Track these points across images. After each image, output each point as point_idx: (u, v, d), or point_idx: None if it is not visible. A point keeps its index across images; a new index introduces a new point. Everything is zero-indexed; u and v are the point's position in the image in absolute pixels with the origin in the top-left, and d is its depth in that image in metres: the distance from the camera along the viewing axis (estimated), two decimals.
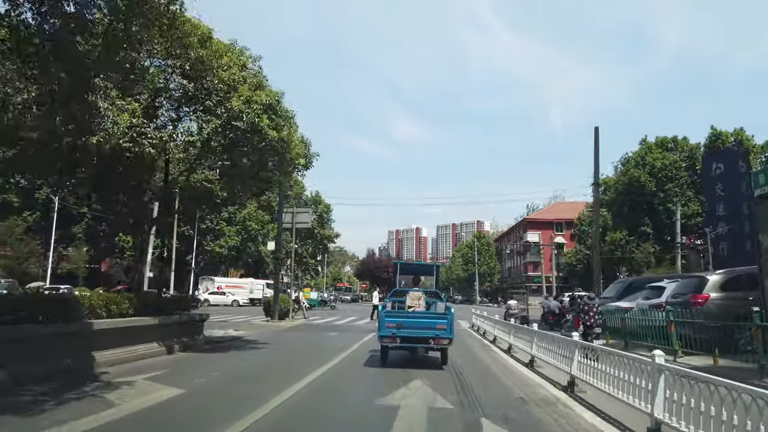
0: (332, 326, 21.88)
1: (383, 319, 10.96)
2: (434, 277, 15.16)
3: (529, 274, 75.70)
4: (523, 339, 13.09)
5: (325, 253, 79.20)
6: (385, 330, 10.79)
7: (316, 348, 14.94)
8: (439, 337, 10.71)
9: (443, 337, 10.72)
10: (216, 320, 23.33)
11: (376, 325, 13.15)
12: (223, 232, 53.26)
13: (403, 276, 14.76)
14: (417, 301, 11.51)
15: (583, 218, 66.73)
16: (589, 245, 63.85)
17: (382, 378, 9.68)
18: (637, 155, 54.29)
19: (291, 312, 23.08)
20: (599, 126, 26.03)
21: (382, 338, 10.94)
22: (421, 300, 11.59)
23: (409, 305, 11.44)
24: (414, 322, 10.82)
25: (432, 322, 10.90)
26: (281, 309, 22.36)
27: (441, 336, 10.71)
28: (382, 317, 11.11)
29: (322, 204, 71.11)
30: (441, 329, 10.71)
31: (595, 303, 13.19)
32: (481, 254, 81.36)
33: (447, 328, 10.68)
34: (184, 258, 54.34)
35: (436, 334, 10.72)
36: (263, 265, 62.70)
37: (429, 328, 10.78)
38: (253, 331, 18.18)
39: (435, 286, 14.45)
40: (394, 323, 10.78)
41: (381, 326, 10.95)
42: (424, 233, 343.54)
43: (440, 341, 10.77)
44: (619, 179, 55.27)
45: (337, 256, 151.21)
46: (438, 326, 10.74)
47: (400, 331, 10.69)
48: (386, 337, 10.82)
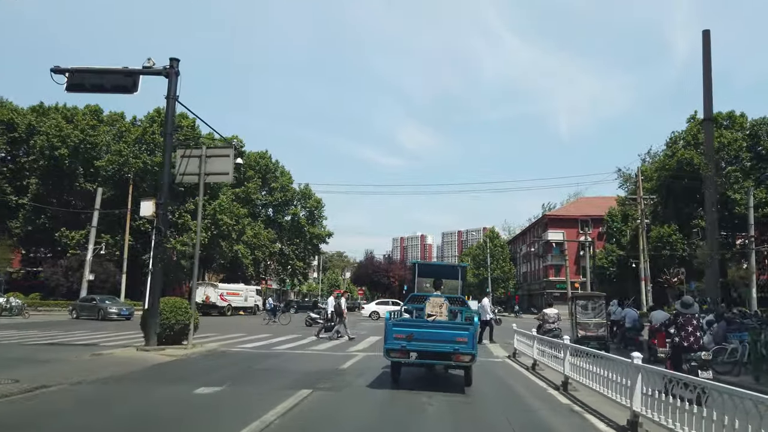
0: (253, 357, 12.10)
1: (390, 329, 8.80)
2: (459, 281, 12.13)
3: (551, 279, 66.07)
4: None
5: (316, 254, 69.93)
6: (392, 342, 8.74)
7: None
8: (458, 352, 8.51)
9: (463, 353, 8.50)
10: (82, 340, 14.43)
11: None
12: (188, 226, 44.19)
13: (422, 279, 12.08)
14: (438, 309, 9.68)
15: (614, 214, 57.23)
16: (625, 244, 54.52)
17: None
18: (687, 133, 44.89)
19: (191, 331, 12.62)
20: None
21: (389, 352, 8.80)
22: (443, 308, 9.73)
23: (429, 313, 9.68)
24: (428, 333, 8.70)
25: (449, 334, 8.69)
26: (171, 324, 12.00)
27: (461, 351, 8.50)
28: (388, 327, 8.90)
29: (312, 198, 62.11)
30: (461, 342, 8.49)
31: (695, 314, 8.72)
32: (494, 257, 71.93)
33: (468, 342, 8.48)
34: (140, 258, 45.27)
35: (455, 349, 8.51)
36: (241, 267, 53.55)
37: (446, 341, 8.57)
38: (56, 378, 8.53)
39: (460, 290, 11.77)
40: (403, 334, 8.69)
41: (388, 337, 8.84)
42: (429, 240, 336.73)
43: (460, 357, 8.57)
44: (664, 163, 45.84)
45: (336, 261, 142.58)
46: (457, 339, 8.54)
47: (412, 344, 8.61)
48: (395, 350, 8.73)
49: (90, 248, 37.98)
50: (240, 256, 50.22)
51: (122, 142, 43.22)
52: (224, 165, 13.45)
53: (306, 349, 14.14)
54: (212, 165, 13.34)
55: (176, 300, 12.55)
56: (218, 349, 13.28)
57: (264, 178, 58.75)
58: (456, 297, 10.80)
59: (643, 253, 38.62)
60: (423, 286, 11.83)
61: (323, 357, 12.36)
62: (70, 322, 27.86)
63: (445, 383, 9.35)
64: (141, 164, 42.69)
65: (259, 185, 57.93)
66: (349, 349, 14.55)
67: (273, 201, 59.36)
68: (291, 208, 60.84)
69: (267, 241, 54.94)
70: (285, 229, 61.65)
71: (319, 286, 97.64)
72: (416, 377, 9.81)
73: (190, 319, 12.33)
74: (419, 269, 12.14)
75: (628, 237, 52.98)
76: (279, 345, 15.14)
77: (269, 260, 59.88)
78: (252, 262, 52.99)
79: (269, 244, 55.99)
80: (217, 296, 46.91)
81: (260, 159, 58.58)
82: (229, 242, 47.26)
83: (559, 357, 9.19)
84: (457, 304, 10.51)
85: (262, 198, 59.10)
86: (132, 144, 43.30)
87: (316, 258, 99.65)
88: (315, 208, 61.81)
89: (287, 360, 11.68)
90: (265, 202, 59.51)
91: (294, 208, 60.82)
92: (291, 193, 60.13)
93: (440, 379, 9.80)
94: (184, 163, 13.40)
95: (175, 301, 12.40)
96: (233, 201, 49.37)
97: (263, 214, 60.30)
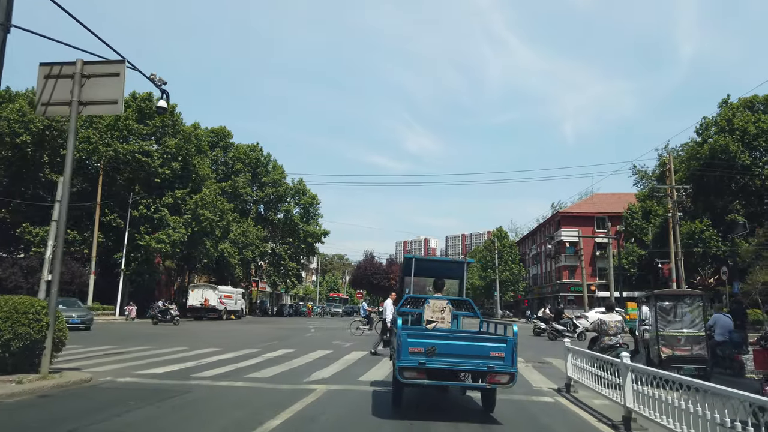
0: (137, 394, 7.39)
1: (404, 341, 6.44)
2: (459, 281, 9.69)
3: (564, 282, 61.29)
4: None
5: (311, 255, 65.38)
6: (407, 358, 6.37)
7: None
8: (494, 371, 6.35)
9: (501, 371, 6.38)
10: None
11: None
12: (167, 221, 39.81)
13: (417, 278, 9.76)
14: (440, 314, 7.81)
15: (634, 210, 52.50)
16: (647, 242, 49.77)
17: None
18: (721, 118, 40.25)
19: (47, 350, 7.26)
20: None
21: (403, 372, 6.41)
22: (445, 312, 7.85)
23: (429, 319, 7.80)
24: (455, 347, 6.49)
25: (482, 347, 6.50)
26: (6, 341, 7.42)
27: (498, 369, 6.35)
28: (401, 338, 6.49)
29: (307, 195, 57.67)
30: (496, 358, 6.36)
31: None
32: (502, 258, 67.20)
33: (506, 357, 6.37)
34: (112, 257, 40.92)
35: (489, 366, 6.34)
36: (228, 268, 49.10)
37: (477, 357, 6.44)
38: None
39: (460, 292, 9.53)
40: (422, 347, 6.40)
41: (401, 352, 6.43)
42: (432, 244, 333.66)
43: (495, 378, 6.41)
44: (695, 151, 41.20)
45: (337, 264, 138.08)
46: (492, 353, 6.36)
47: (433, 361, 6.37)
48: (410, 369, 6.38)
49: (50, 245, 33.52)
50: (226, 255, 45.80)
51: (91, 128, 38.91)
52: (111, 90, 8.88)
53: (241, 377, 9.37)
54: (93, 89, 8.87)
55: (18, 301, 7.80)
56: (94, 379, 8.47)
57: (254, 172, 54.36)
58: (462, 300, 8.70)
59: (675, 251, 33.99)
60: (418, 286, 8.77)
61: (256, 395, 7.69)
62: None
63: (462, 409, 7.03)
64: (112, 153, 38.37)
65: (248, 180, 53.56)
66: (310, 375, 9.91)
67: (264, 197, 54.92)
68: (284, 205, 56.38)
69: (256, 239, 50.49)
70: (277, 228, 57.19)
71: (317, 290, 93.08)
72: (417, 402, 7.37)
73: (46, 331, 7.75)
74: (415, 266, 9.44)
75: (650, 235, 48.30)
76: (211, 368, 10.40)
77: (260, 260, 55.41)
78: (240, 262, 48.53)
79: (259, 243, 51.54)
80: (216, 299, 43.29)
81: (250, 152, 54.23)
82: (213, 240, 42.83)
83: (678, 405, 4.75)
84: (463, 309, 8.45)
85: (253, 194, 54.67)
86: (103, 131, 38.98)
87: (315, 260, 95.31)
88: (310, 204, 57.31)
89: (188, 405, 6.91)
90: (256, 198, 55.07)
91: (287, 205, 56.35)
92: (284, 189, 55.65)
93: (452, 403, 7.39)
94: (49, 86, 8.88)
95: (17, 302, 7.69)
96: (219, 195, 45.03)
97: (254, 211, 55.88)
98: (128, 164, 39.75)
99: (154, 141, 42.57)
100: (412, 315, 8.37)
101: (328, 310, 61.31)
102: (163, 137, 42.02)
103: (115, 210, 40.31)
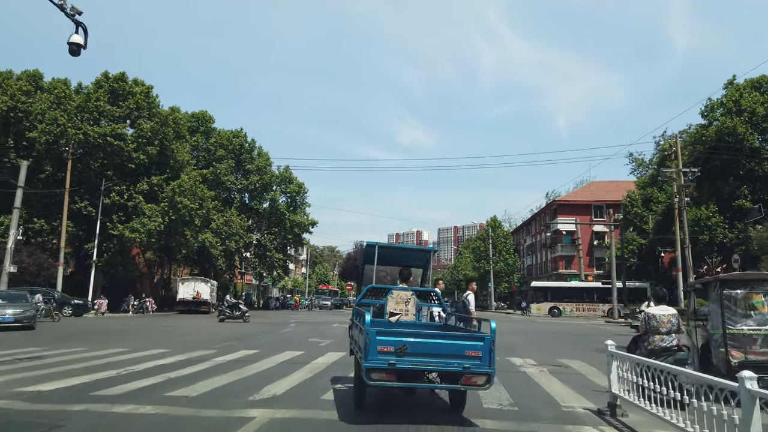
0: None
1: (372, 339, 5.61)
2: (423, 269, 9.43)
3: (561, 272, 59.39)
4: None
5: (298, 245, 62.99)
6: (375, 358, 5.56)
7: None
8: (471, 371, 5.62)
9: (478, 372, 5.63)
10: None
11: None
12: (142, 209, 37.26)
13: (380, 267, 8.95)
14: (404, 306, 7.28)
15: (634, 198, 50.51)
16: (648, 231, 47.83)
17: None
18: (728, 99, 38.20)
19: None
20: None
21: (370, 373, 5.57)
22: (410, 304, 7.33)
23: (392, 312, 7.24)
24: (428, 345, 5.75)
25: (458, 346, 5.77)
26: None
27: (475, 369, 5.62)
28: (369, 336, 5.62)
29: (293, 183, 55.22)
30: (473, 357, 5.66)
31: None
32: (496, 248, 65.11)
33: (483, 356, 5.67)
34: (83, 247, 38.44)
35: (464, 366, 5.63)
36: (210, 259, 46.70)
37: (452, 356, 5.70)
38: None
39: (422, 281, 9.24)
40: (392, 345, 5.62)
41: (369, 352, 5.59)
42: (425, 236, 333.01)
43: (472, 380, 5.66)
44: (699, 134, 39.18)
45: (327, 256, 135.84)
46: (468, 352, 5.71)
47: (404, 361, 5.60)
48: (378, 370, 5.58)
49: (12, 234, 31.03)
50: (208, 246, 43.35)
51: (59, 110, 36.22)
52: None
53: (159, 397, 6.86)
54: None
55: None
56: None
57: (238, 159, 51.77)
58: (428, 290, 8.29)
59: (682, 237, 32.00)
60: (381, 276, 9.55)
61: (170, 427, 5.49)
62: None
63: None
64: (82, 136, 35.73)
65: (232, 167, 50.99)
66: (259, 391, 7.37)
67: (248, 185, 52.37)
68: (269, 194, 53.87)
69: (240, 229, 48.04)
70: (263, 217, 54.71)
71: (306, 282, 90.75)
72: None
73: None
74: (379, 254, 8.90)
75: (651, 223, 46.39)
76: (131, 380, 7.86)
77: (244, 252, 52.98)
78: (222, 253, 46.10)
79: (244, 234, 49.11)
80: (209, 292, 41.36)
81: (234, 138, 51.60)
82: (193, 230, 40.33)
83: None
84: (429, 300, 7.90)
85: (236, 182, 52.11)
86: (72, 112, 36.30)
87: (304, 251, 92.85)
88: (297, 193, 54.80)
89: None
90: (240, 186, 52.51)
91: (273, 193, 53.83)
92: (269, 177, 53.10)
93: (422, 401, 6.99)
94: None
95: None
96: (199, 182, 42.48)
97: (238, 199, 53.36)
98: (100, 148, 37.13)
99: (129, 124, 39.95)
100: (374, 306, 7.65)
101: (317, 303, 59.04)
102: (138, 120, 39.41)
103: (86, 197, 37.74)
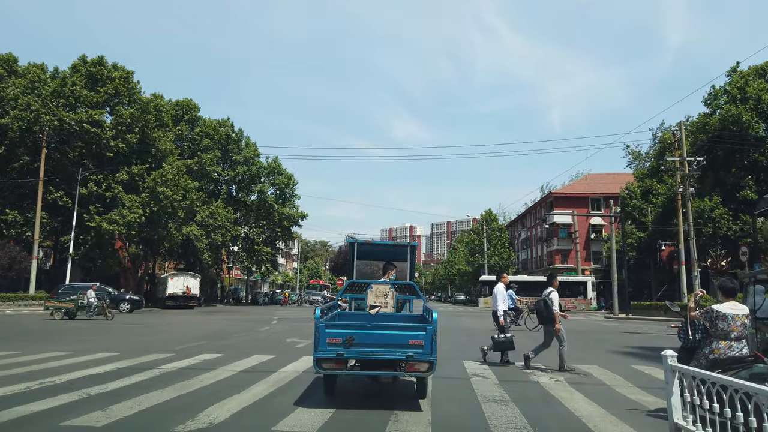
0: None
1: (321, 332, 6.14)
2: (408, 263, 9.61)
3: (557, 266, 58.10)
4: None
5: (287, 239, 61.30)
6: (324, 349, 6.09)
7: None
8: (413, 359, 6.09)
9: (420, 359, 6.11)
10: None
11: None
12: (121, 200, 35.47)
13: (364, 262, 9.57)
14: (383, 299, 7.62)
15: (632, 190, 49.21)
16: (647, 224, 46.58)
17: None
18: (732, 86, 36.83)
19: None
20: None
21: (320, 363, 6.12)
22: (389, 297, 7.62)
23: (372, 305, 7.55)
24: (373, 336, 6.19)
25: (401, 335, 6.21)
26: None
27: (417, 357, 6.10)
28: (318, 328, 6.16)
29: (282, 174, 53.45)
30: (415, 346, 6.13)
31: None
32: (490, 242, 63.77)
33: (425, 345, 6.12)
34: (59, 240, 36.61)
35: (408, 354, 6.10)
36: (195, 253, 44.92)
37: (397, 345, 6.14)
38: None
39: (409, 276, 9.37)
40: (339, 337, 6.12)
41: (318, 343, 6.12)
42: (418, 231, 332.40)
43: (414, 367, 6.15)
44: (703, 123, 37.81)
45: (319, 251, 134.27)
46: (410, 341, 6.16)
47: (351, 351, 6.13)
48: (327, 360, 6.11)
49: None
50: (192, 239, 41.60)
51: (33, 94, 34.29)
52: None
53: (61, 425, 4.94)
54: None
55: None
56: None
57: (224, 149, 49.94)
58: (405, 283, 8.07)
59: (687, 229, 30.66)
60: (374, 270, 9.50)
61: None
62: None
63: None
64: (57, 122, 33.86)
65: (218, 158, 49.19)
66: (194, 418, 5.36)
67: (236, 176, 50.60)
68: (257, 185, 52.09)
69: (227, 222, 46.29)
70: (251, 210, 52.96)
71: (297, 276, 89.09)
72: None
73: None
74: (359, 250, 9.47)
75: (650, 216, 45.13)
76: (39, 398, 5.93)
77: (231, 245, 51.23)
78: (208, 246, 44.37)
79: (230, 226, 47.37)
80: (198, 287, 40.23)
81: (220, 128, 49.72)
82: (176, 222, 38.58)
83: None
84: (406, 293, 7.82)
85: (223, 173, 50.33)
86: (46, 97, 34.39)
87: (295, 245, 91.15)
88: (286, 185, 53.02)
89: None
90: (226, 177, 50.73)
91: (261, 185, 52.06)
92: (257, 168, 51.34)
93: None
94: None
95: None
96: (183, 173, 40.64)
97: (224, 191, 51.59)
98: (77, 135, 35.29)
99: (107, 111, 38.08)
100: (356, 300, 8.06)
101: (307, 298, 57.48)
102: (117, 106, 37.55)
103: (62, 187, 35.91)
